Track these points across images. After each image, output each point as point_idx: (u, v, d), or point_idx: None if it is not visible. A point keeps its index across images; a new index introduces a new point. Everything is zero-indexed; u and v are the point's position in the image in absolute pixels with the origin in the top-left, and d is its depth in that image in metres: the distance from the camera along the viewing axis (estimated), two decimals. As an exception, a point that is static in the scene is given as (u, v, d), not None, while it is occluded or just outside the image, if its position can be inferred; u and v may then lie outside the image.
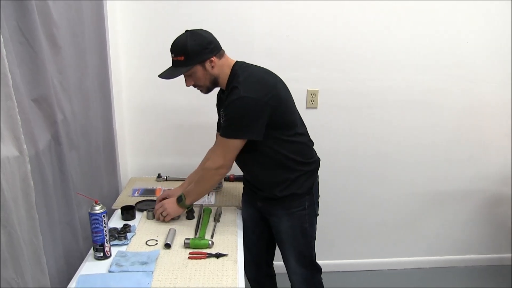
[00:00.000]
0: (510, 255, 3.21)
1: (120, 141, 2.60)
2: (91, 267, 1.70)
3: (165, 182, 2.63)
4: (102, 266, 1.69)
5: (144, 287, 1.55)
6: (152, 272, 1.64)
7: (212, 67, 1.85)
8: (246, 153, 1.91)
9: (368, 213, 3.05)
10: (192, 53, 1.81)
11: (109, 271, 1.65)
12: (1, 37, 1.23)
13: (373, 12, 2.61)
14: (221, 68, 1.88)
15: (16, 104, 1.30)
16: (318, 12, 2.58)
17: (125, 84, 2.64)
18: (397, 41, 2.68)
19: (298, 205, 2.02)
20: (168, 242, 1.84)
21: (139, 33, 2.57)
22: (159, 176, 2.67)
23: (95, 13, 2.16)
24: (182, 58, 1.82)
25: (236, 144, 1.86)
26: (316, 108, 2.74)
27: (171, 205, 2.04)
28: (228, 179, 2.61)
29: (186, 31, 1.85)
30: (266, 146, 1.90)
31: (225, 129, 1.86)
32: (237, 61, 1.93)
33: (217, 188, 2.49)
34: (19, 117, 1.32)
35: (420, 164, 2.96)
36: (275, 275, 2.43)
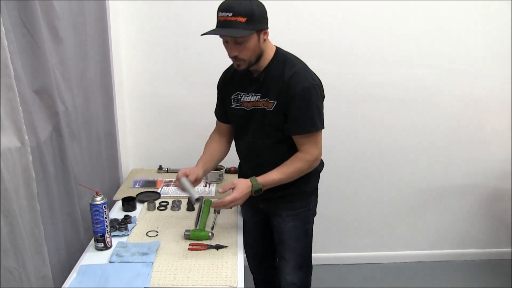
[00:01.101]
0: (509, 249, 3.22)
1: (121, 133, 2.60)
2: (91, 257, 1.71)
3: (166, 173, 2.64)
4: (102, 257, 1.71)
5: (144, 277, 1.56)
6: (152, 262, 1.66)
7: (264, 40, 1.71)
8: (271, 147, 1.85)
9: (369, 207, 3.06)
10: (256, 17, 1.62)
11: (110, 262, 1.66)
12: (3, 28, 1.24)
13: (373, 7, 2.60)
14: (267, 46, 1.75)
15: (17, 95, 1.31)
16: (320, 5, 2.57)
17: (126, 76, 2.64)
18: (397, 37, 2.67)
19: (304, 205, 1.98)
20: (200, 196, 1.81)
21: (141, 25, 2.56)
22: (160, 167, 2.68)
23: (96, 5, 2.16)
24: (244, 19, 1.59)
25: (321, 134, 1.83)
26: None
27: (244, 198, 1.78)
28: (229, 171, 2.62)
29: None
30: (291, 140, 1.83)
31: (310, 122, 1.75)
32: (276, 46, 1.83)
33: (218, 180, 2.50)
34: (20, 108, 1.33)
35: (420, 159, 2.96)
36: (277, 267, 2.35)
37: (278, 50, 1.81)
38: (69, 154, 1.78)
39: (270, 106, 1.76)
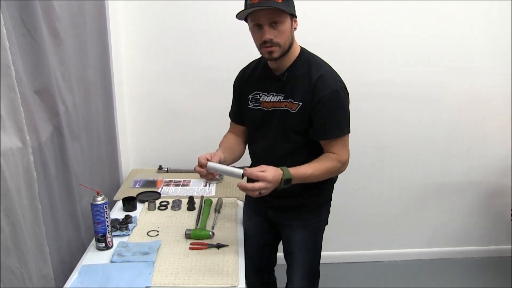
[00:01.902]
0: (508, 246, 3.23)
1: (121, 133, 2.61)
2: (93, 257, 1.72)
3: (166, 173, 2.64)
4: (104, 257, 1.71)
5: (145, 277, 1.57)
6: (154, 262, 1.66)
7: (295, 28, 1.65)
8: (290, 153, 1.75)
9: (368, 204, 3.07)
10: (291, 1, 1.60)
11: (111, 261, 1.67)
12: (4, 29, 1.25)
13: (374, 6, 2.61)
14: (294, 40, 1.69)
15: (19, 95, 1.32)
16: (320, 3, 2.58)
17: (126, 76, 2.65)
18: (398, 35, 2.68)
19: (315, 216, 1.91)
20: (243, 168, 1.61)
21: (141, 25, 2.57)
22: (160, 167, 2.68)
23: (96, 5, 2.17)
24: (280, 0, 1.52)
25: (348, 138, 1.77)
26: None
27: (276, 184, 1.56)
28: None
29: None
30: (316, 146, 1.75)
31: (337, 127, 1.69)
32: (301, 46, 1.77)
33: (218, 180, 2.50)
34: (22, 109, 1.34)
35: (419, 157, 2.97)
36: (275, 279, 2.30)
37: (304, 50, 1.74)
38: (70, 154, 1.78)
39: (294, 108, 1.67)
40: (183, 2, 2.51)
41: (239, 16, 1.60)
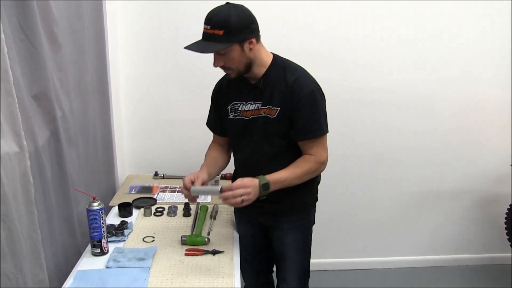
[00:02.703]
0: (503, 254, 3.24)
1: (117, 138, 2.61)
2: (88, 263, 1.71)
3: (162, 179, 2.64)
4: (99, 262, 1.71)
5: (141, 282, 1.57)
6: (149, 268, 1.66)
7: (250, 49, 1.65)
8: (275, 157, 1.78)
9: (363, 212, 3.07)
10: (234, 29, 1.58)
11: (107, 267, 1.67)
12: (3, 34, 1.25)
13: (370, 11, 2.63)
14: (258, 53, 1.69)
15: (16, 100, 1.32)
16: (315, 11, 2.60)
17: (123, 81, 2.65)
18: (392, 43, 2.70)
19: (304, 217, 1.95)
20: (221, 186, 1.65)
21: (138, 31, 2.58)
22: (156, 173, 2.68)
23: (94, 11, 2.18)
24: (221, 32, 1.57)
25: (326, 138, 1.80)
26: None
27: (255, 191, 1.63)
28: (225, 177, 2.62)
29: (227, 3, 1.64)
30: (297, 148, 1.79)
31: (317, 126, 1.73)
32: (273, 53, 1.79)
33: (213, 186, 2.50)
34: (19, 114, 1.34)
35: (414, 164, 2.98)
36: (273, 282, 2.32)
37: (276, 57, 1.78)
38: (66, 159, 1.78)
39: (273, 113, 1.71)
40: (181, 7, 2.53)
41: (187, 48, 1.65)
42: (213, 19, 1.60)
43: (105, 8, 2.32)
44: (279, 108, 1.71)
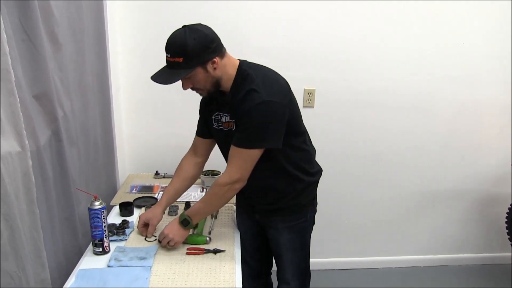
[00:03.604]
0: (503, 254, 3.24)
1: (118, 138, 2.61)
2: (90, 262, 1.72)
3: (163, 179, 2.65)
4: (101, 261, 1.72)
5: (142, 281, 1.57)
6: (151, 267, 1.67)
7: (214, 68, 1.63)
8: (256, 167, 1.73)
9: (363, 211, 3.08)
10: (193, 54, 1.57)
11: (108, 266, 1.68)
12: (4, 34, 1.26)
13: (369, 12, 2.64)
14: (224, 68, 1.66)
15: (18, 100, 1.32)
16: (315, 11, 2.60)
17: (123, 81, 2.66)
18: (394, 42, 2.71)
19: (300, 216, 1.93)
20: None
21: (138, 31, 2.59)
22: (156, 173, 2.69)
23: (94, 11, 2.18)
24: (180, 59, 1.58)
25: (256, 154, 1.67)
26: (313, 107, 2.76)
27: (175, 232, 1.79)
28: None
29: (184, 27, 1.61)
30: (279, 154, 1.75)
31: (243, 138, 1.66)
32: (241, 60, 1.74)
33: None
34: (21, 113, 1.34)
35: (414, 164, 2.99)
36: (272, 284, 2.32)
37: (241, 66, 1.71)
38: (68, 159, 1.79)
39: (232, 126, 1.74)
40: (181, 8, 2.53)
41: (152, 79, 1.70)
42: (171, 47, 1.60)
43: (105, 8, 2.32)
44: (234, 121, 1.72)
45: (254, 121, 1.62)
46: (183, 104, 2.70)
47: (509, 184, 3.03)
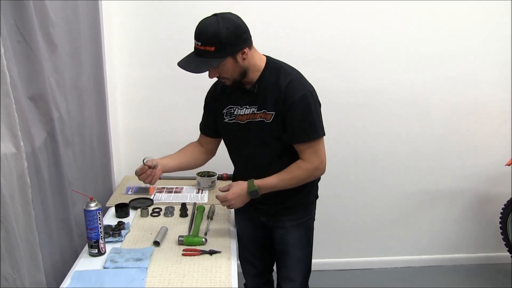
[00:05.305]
0: (498, 253, 3.25)
1: (114, 139, 2.61)
2: (85, 263, 1.71)
3: (159, 180, 2.61)
4: (96, 263, 1.71)
5: (138, 283, 1.57)
6: (147, 268, 1.66)
7: (244, 59, 1.64)
8: (272, 159, 1.80)
9: (359, 212, 3.09)
10: (226, 43, 1.57)
11: (104, 267, 1.67)
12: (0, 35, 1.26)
13: (367, 12, 2.65)
14: (252, 59, 1.68)
15: (13, 101, 1.32)
16: (311, 12, 2.61)
17: (119, 83, 2.66)
18: (390, 42, 2.72)
19: (306, 214, 1.96)
20: (157, 240, 1.84)
21: (134, 32, 2.58)
22: (152, 174, 2.68)
23: (90, 12, 2.18)
24: (212, 48, 1.56)
25: (323, 142, 1.79)
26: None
27: (241, 199, 1.79)
28: (221, 177, 2.63)
29: (215, 15, 1.61)
30: (295, 152, 1.79)
31: (311, 129, 1.72)
32: (267, 55, 1.78)
33: (211, 187, 2.51)
34: (16, 115, 1.34)
35: (411, 164, 3.00)
36: (273, 282, 2.32)
37: (270, 60, 1.77)
38: (63, 160, 1.79)
39: (268, 118, 1.72)
40: (177, 9, 2.54)
41: (180, 66, 1.67)
42: (203, 35, 1.58)
43: (101, 10, 2.32)
44: (274, 113, 1.72)
45: (310, 111, 1.70)
46: (180, 106, 2.71)
47: (505, 183, 3.04)
